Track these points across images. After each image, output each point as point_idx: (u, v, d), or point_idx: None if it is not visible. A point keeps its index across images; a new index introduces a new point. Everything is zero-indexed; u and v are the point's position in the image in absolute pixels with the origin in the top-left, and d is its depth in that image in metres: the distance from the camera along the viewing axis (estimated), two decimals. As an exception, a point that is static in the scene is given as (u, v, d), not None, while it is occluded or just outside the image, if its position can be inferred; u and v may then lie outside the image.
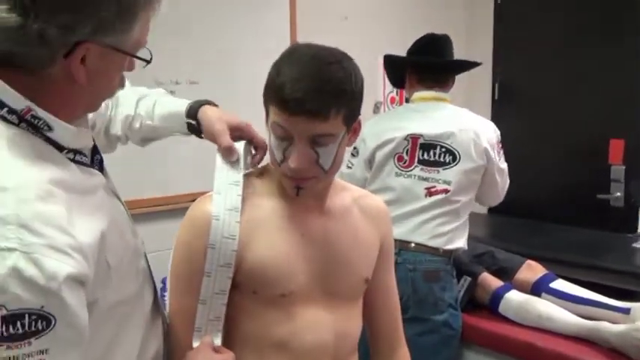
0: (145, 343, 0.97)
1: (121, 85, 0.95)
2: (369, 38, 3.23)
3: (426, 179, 2.09)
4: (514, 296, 2.16)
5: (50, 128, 0.83)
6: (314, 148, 1.01)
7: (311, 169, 1.02)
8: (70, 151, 0.87)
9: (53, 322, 0.72)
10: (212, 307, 1.03)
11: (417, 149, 2.11)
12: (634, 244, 2.73)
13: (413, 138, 2.11)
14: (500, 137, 2.19)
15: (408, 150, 2.11)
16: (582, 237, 2.93)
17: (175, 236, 1.09)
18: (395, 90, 3.49)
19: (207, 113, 1.17)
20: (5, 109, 0.80)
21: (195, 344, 1.03)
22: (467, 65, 2.32)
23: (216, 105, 1.23)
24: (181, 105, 1.22)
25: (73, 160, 0.87)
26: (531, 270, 2.28)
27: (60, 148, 0.85)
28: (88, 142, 0.93)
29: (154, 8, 0.88)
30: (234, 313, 1.08)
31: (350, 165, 2.23)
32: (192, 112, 1.19)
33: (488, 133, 2.15)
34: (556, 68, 3.38)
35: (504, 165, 2.22)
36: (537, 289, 2.21)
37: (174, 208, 2.29)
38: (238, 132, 1.15)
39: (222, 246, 1.03)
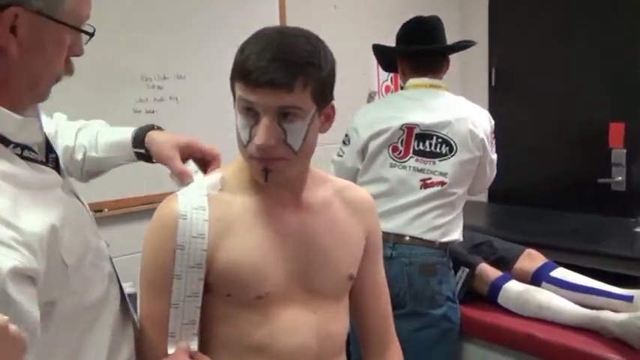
0: (115, 350, 0.94)
1: (68, 71, 0.90)
2: (360, 27, 3.17)
3: (421, 170, 2.03)
4: (513, 286, 2.11)
5: None
6: (281, 124, 0.96)
7: (278, 148, 0.97)
8: (17, 146, 0.82)
9: None
10: (185, 311, 0.99)
11: (413, 139, 2.04)
12: (636, 229, 2.68)
13: (408, 128, 2.05)
14: (494, 127, 2.13)
15: (403, 140, 2.05)
16: (583, 223, 2.88)
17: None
18: (390, 79, 3.43)
19: (154, 139, 1.15)
20: None
21: (171, 350, 0.99)
22: (459, 47, 2.23)
23: (160, 128, 1.20)
24: (126, 132, 1.19)
25: (21, 156, 0.82)
26: (531, 259, 2.24)
27: (5, 142, 0.80)
28: (36, 136, 0.88)
29: None
30: (209, 317, 1.03)
31: (340, 153, 2.16)
32: (139, 140, 1.17)
33: (484, 122, 2.09)
34: (555, 52, 3.31)
35: (495, 156, 2.16)
36: (537, 278, 2.16)
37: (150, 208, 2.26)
38: (188, 150, 1.14)
39: (190, 246, 0.98)
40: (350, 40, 3.13)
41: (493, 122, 2.13)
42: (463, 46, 2.22)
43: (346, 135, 2.16)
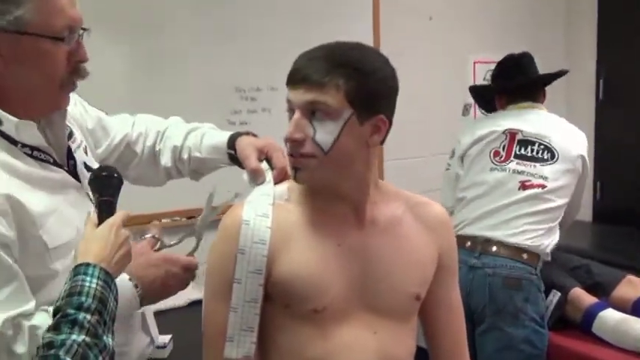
0: None
1: (79, 76, 1.02)
2: (456, 39, 3.11)
3: (521, 172, 2.03)
4: (610, 315, 1.95)
5: (0, 122, 0.96)
6: (311, 121, 0.97)
7: (307, 144, 0.97)
8: (25, 146, 0.98)
9: None
10: (244, 316, 1.01)
11: (515, 144, 2.08)
12: None
13: (511, 133, 2.09)
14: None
15: (505, 145, 2.08)
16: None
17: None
18: (487, 90, 3.34)
19: (241, 141, 1.22)
20: None
21: (228, 354, 1.00)
22: (549, 77, 2.24)
23: (255, 135, 1.26)
24: (225, 136, 1.27)
25: (31, 156, 0.99)
26: (632, 286, 2.08)
27: (14, 142, 0.97)
28: (35, 139, 1.00)
29: None
30: (269, 327, 1.04)
31: (448, 167, 2.25)
32: (231, 142, 1.24)
33: (584, 143, 2.11)
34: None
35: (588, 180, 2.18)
36: (638, 308, 1.99)
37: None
38: (264, 154, 1.18)
39: (251, 251, 1.00)
40: (445, 51, 3.08)
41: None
42: (552, 75, 2.24)
43: (452, 150, 2.24)
